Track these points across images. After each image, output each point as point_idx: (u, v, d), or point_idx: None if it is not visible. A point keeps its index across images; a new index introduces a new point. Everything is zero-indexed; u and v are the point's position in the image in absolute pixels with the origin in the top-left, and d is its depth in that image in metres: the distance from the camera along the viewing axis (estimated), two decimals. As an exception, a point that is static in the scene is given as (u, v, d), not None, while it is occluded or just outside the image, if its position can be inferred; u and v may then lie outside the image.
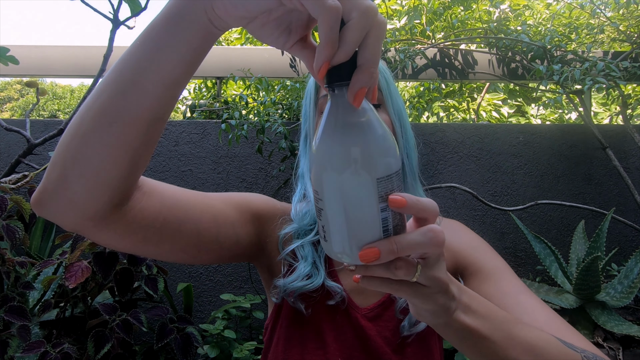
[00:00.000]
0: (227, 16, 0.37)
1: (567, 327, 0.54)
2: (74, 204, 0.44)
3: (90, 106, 0.41)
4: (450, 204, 1.96)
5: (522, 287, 0.60)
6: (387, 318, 0.63)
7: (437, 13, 2.49)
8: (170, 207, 0.53)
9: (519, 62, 2.13)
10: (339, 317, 0.64)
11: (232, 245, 0.61)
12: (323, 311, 0.64)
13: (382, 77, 0.65)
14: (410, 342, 0.63)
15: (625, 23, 2.27)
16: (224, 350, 1.47)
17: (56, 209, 0.45)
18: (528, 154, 1.99)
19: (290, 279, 0.63)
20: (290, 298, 0.64)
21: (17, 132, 1.63)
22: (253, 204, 0.67)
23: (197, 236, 0.56)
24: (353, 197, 0.35)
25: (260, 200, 0.69)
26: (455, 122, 3.25)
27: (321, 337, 0.63)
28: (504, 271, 0.63)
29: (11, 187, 1.31)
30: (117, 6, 1.47)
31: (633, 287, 1.41)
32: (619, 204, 1.94)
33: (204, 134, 1.94)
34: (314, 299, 0.64)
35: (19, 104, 10.06)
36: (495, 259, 0.66)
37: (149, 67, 0.39)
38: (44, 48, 2.16)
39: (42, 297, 1.35)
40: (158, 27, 0.39)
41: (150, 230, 0.51)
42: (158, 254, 0.55)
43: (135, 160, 0.43)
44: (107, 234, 0.48)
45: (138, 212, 0.49)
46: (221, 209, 0.60)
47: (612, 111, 3.07)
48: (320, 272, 0.64)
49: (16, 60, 1.60)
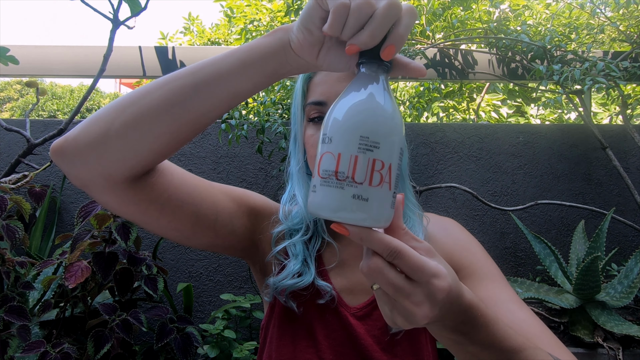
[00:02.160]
0: (300, 49, 0.43)
1: (556, 342, 0.54)
2: (101, 159, 0.47)
3: (161, 86, 0.46)
4: (450, 204, 1.96)
5: (514, 296, 0.60)
6: (376, 317, 0.64)
7: (436, 13, 2.49)
8: (176, 186, 0.56)
9: (519, 62, 2.13)
10: (329, 315, 0.64)
11: (227, 234, 0.63)
12: (314, 310, 0.65)
13: None
14: (399, 340, 0.63)
15: (625, 23, 2.28)
16: (224, 350, 1.47)
17: (81, 159, 0.47)
18: (528, 154, 1.99)
19: (281, 277, 0.64)
20: (282, 297, 0.64)
21: (17, 132, 1.63)
22: (251, 199, 0.68)
23: (196, 218, 0.58)
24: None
25: (258, 197, 0.70)
26: (455, 122, 3.25)
27: (312, 335, 0.63)
28: (497, 278, 0.63)
29: (11, 187, 1.31)
30: (117, 6, 1.47)
31: (633, 287, 1.41)
32: (619, 204, 1.94)
33: (204, 134, 1.94)
34: (305, 297, 0.64)
35: (18, 104, 10.05)
36: (488, 263, 0.65)
37: (226, 78, 0.46)
38: (44, 48, 2.16)
39: (42, 297, 1.35)
40: (246, 50, 0.46)
41: (153, 204, 0.53)
42: (154, 227, 0.57)
43: (173, 144, 0.48)
44: (113, 198, 0.51)
45: (147, 185, 0.52)
46: (221, 198, 0.62)
47: (611, 111, 3.08)
48: (310, 270, 0.65)
49: (16, 60, 1.60)
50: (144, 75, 2.17)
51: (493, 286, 0.61)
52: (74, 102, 10.15)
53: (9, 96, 10.66)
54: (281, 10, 2.74)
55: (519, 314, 0.56)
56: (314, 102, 0.62)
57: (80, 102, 1.57)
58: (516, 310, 0.57)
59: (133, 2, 1.45)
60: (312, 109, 0.63)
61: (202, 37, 3.76)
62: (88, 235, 1.21)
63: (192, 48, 2.38)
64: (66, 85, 11.43)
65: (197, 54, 2.21)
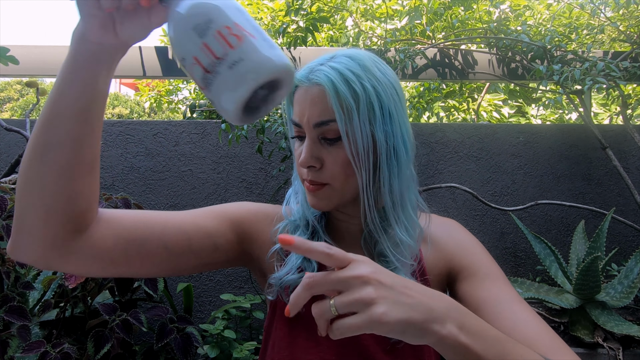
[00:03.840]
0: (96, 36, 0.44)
1: (558, 342, 0.53)
2: (32, 236, 0.48)
3: (30, 141, 0.48)
4: (450, 204, 1.96)
5: (516, 297, 0.59)
6: None
7: (437, 13, 2.49)
8: (129, 228, 0.55)
9: (519, 62, 2.13)
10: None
11: (211, 252, 0.62)
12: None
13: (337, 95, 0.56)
14: (402, 345, 0.62)
15: (625, 23, 2.27)
16: (224, 350, 1.47)
17: (23, 247, 0.49)
18: (528, 154, 1.99)
19: (283, 272, 0.64)
20: (286, 296, 0.64)
21: (17, 132, 1.63)
22: (231, 212, 0.67)
23: (165, 250, 0.57)
24: None
25: (241, 207, 0.69)
26: (456, 122, 3.25)
27: (315, 336, 0.62)
28: (499, 278, 0.62)
29: (11, 187, 1.31)
30: (117, 6, 1.47)
31: (633, 287, 1.41)
32: (619, 204, 1.94)
33: (204, 134, 1.94)
34: None
35: (19, 104, 10.05)
36: (490, 264, 0.65)
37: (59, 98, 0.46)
38: (44, 48, 2.16)
39: (42, 297, 1.35)
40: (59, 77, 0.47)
41: (114, 252, 0.53)
42: (132, 272, 0.57)
43: (74, 184, 0.48)
44: (74, 262, 0.51)
45: (98, 239, 0.52)
46: (193, 221, 0.61)
47: (611, 111, 3.07)
48: (312, 264, 0.64)
49: (16, 60, 1.60)
50: (144, 75, 2.17)
51: (494, 286, 0.60)
52: (74, 102, 10.12)
53: (9, 96, 10.66)
54: (282, 10, 2.74)
55: (520, 314, 0.56)
56: (294, 123, 0.61)
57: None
58: (518, 310, 0.56)
59: (133, 2, 1.45)
60: (295, 128, 0.62)
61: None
62: (88, 235, 1.21)
63: (192, 48, 2.38)
64: (66, 85, 11.42)
65: (197, 54, 2.20)
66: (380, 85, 0.58)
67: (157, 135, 1.93)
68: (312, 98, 0.58)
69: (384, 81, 0.58)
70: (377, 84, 0.58)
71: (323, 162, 0.59)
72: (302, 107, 0.59)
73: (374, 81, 0.57)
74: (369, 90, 0.57)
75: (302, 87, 0.59)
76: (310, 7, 2.16)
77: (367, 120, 0.57)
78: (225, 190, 1.92)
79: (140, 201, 1.87)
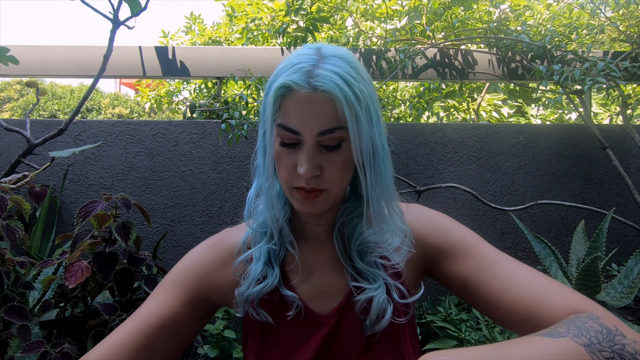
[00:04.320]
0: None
1: (552, 285, 0.53)
2: None
3: None
4: (450, 204, 1.96)
5: (495, 255, 0.59)
6: (349, 320, 0.62)
7: (437, 13, 2.49)
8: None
9: (519, 62, 2.13)
10: (300, 327, 0.63)
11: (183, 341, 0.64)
12: (285, 324, 0.63)
13: (347, 102, 0.54)
14: (377, 340, 0.61)
15: (625, 23, 2.27)
16: (224, 350, 1.47)
17: None
18: (528, 154, 1.99)
19: (245, 286, 0.62)
20: (253, 309, 0.63)
21: (17, 132, 1.63)
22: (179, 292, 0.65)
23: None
24: None
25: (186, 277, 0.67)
26: (455, 122, 3.25)
27: (287, 349, 0.62)
28: (474, 243, 0.62)
29: (11, 187, 1.31)
30: (117, 6, 1.47)
31: (633, 287, 1.41)
32: (619, 204, 1.94)
33: (204, 134, 1.94)
34: (274, 304, 0.63)
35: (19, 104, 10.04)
36: (461, 232, 0.64)
37: None
38: (44, 48, 2.16)
39: (42, 297, 1.35)
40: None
41: None
42: None
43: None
44: None
45: None
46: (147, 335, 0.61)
47: (611, 111, 3.07)
48: (274, 271, 0.63)
49: (16, 60, 1.60)
50: (144, 75, 2.17)
51: (473, 255, 0.60)
52: (74, 102, 10.14)
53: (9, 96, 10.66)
54: (282, 10, 2.74)
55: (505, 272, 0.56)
56: (292, 130, 0.56)
57: (81, 102, 1.57)
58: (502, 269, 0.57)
59: (133, 2, 1.45)
60: (287, 135, 0.57)
61: (203, 35, 3.76)
62: (88, 235, 1.21)
63: (192, 48, 2.38)
64: (66, 85, 11.42)
65: (197, 54, 2.21)
66: (368, 86, 0.58)
67: (157, 135, 1.93)
68: (317, 106, 0.55)
69: (368, 81, 0.59)
70: (367, 86, 0.58)
71: (322, 169, 0.57)
72: (305, 115, 0.55)
73: (364, 83, 0.57)
74: (365, 93, 0.57)
75: (301, 93, 0.55)
76: (310, 7, 2.15)
77: (369, 123, 0.57)
78: (225, 190, 1.92)
79: (140, 201, 1.87)
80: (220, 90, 2.33)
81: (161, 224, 1.90)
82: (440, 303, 1.75)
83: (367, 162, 0.57)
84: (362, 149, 0.56)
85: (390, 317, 0.60)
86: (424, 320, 1.66)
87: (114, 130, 1.93)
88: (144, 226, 1.89)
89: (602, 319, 0.47)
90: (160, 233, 1.88)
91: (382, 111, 3.29)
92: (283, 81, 0.55)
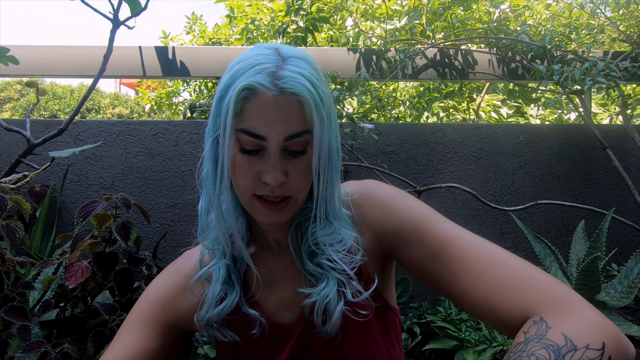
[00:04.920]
0: None
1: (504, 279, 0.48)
2: None
3: None
4: (450, 204, 1.96)
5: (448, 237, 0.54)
6: (312, 325, 0.59)
7: (437, 13, 2.49)
8: None
9: (519, 62, 2.14)
10: (268, 342, 0.61)
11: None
12: (252, 342, 0.62)
13: (315, 105, 0.52)
14: (342, 341, 0.59)
15: (625, 23, 2.28)
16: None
17: None
18: (528, 154, 1.99)
19: (205, 309, 0.59)
20: (217, 331, 0.61)
21: (17, 132, 1.63)
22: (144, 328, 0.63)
23: None
24: None
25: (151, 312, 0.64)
26: (455, 122, 3.25)
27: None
28: (425, 224, 0.57)
29: (11, 187, 1.31)
30: (117, 6, 1.47)
31: (633, 287, 1.41)
32: (619, 204, 1.94)
33: (204, 134, 1.94)
34: (236, 323, 0.61)
35: (19, 104, 10.05)
36: (413, 213, 0.58)
37: None
38: (44, 48, 2.16)
39: (42, 297, 1.35)
40: None
41: None
42: None
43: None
44: None
45: None
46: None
47: (611, 111, 3.08)
48: (235, 288, 0.60)
49: (16, 60, 1.60)
50: (144, 75, 2.17)
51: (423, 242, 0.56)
52: (74, 102, 10.15)
53: (9, 96, 10.66)
54: (282, 10, 2.74)
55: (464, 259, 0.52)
56: (255, 135, 0.52)
57: (81, 102, 1.57)
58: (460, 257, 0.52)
59: (133, 2, 1.45)
60: (250, 141, 0.53)
61: (204, 36, 3.76)
62: (88, 235, 1.21)
63: (192, 48, 2.38)
64: (66, 85, 11.42)
65: (197, 54, 2.21)
66: (327, 89, 0.56)
67: (157, 135, 1.93)
68: (284, 109, 0.51)
69: (326, 84, 0.57)
70: (326, 89, 0.55)
71: (287, 175, 0.54)
72: (271, 119, 0.51)
73: (325, 85, 0.55)
74: (327, 96, 0.54)
75: (266, 95, 0.51)
76: (310, 7, 2.16)
77: (330, 127, 0.55)
78: (225, 190, 1.92)
79: (140, 201, 1.87)
80: (220, 90, 2.33)
81: (161, 224, 1.90)
82: (440, 303, 1.75)
83: (323, 165, 0.55)
84: (321, 153, 0.54)
85: (340, 317, 0.57)
86: (424, 320, 1.66)
87: (114, 130, 1.93)
88: (144, 226, 1.89)
89: (552, 328, 0.42)
90: (160, 233, 1.88)
91: (382, 112, 3.29)
92: (246, 83, 0.51)
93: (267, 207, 0.55)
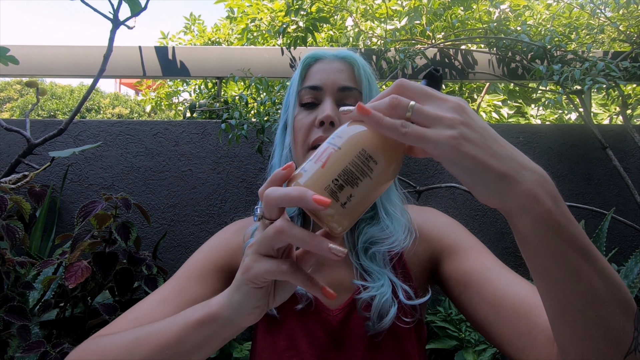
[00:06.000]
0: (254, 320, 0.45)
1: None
2: None
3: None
4: (450, 204, 1.96)
5: (502, 264, 0.61)
6: (355, 317, 0.62)
7: (437, 13, 2.49)
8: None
9: (519, 62, 2.13)
10: (309, 321, 0.63)
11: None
12: (293, 316, 0.63)
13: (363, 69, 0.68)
14: (382, 339, 0.61)
15: (625, 23, 2.27)
16: (224, 350, 1.47)
17: None
18: (528, 154, 1.97)
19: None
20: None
21: (17, 132, 1.63)
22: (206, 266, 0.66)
23: None
24: None
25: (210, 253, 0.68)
26: (455, 122, 3.23)
27: (294, 343, 0.62)
28: (482, 249, 0.64)
29: (11, 187, 1.31)
30: (117, 6, 1.47)
31: (633, 287, 1.41)
32: (619, 204, 1.94)
33: (204, 134, 1.94)
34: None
35: (18, 104, 10.05)
36: (471, 238, 0.67)
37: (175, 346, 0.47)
38: (44, 48, 2.16)
39: (42, 297, 1.35)
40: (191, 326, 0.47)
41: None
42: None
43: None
44: None
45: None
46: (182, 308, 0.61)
47: (611, 111, 3.08)
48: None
49: (16, 60, 1.60)
50: (144, 75, 2.17)
51: (480, 256, 0.61)
52: (74, 102, 10.15)
53: (9, 96, 10.66)
54: (282, 10, 2.74)
55: (510, 276, 0.57)
56: (310, 87, 0.64)
57: (81, 102, 1.57)
58: (507, 274, 0.57)
59: (133, 2, 1.45)
60: (306, 94, 0.65)
61: (203, 36, 3.76)
62: (88, 235, 1.21)
63: (192, 48, 2.38)
64: (66, 85, 11.42)
65: (197, 54, 2.21)
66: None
67: (157, 135, 1.93)
68: (338, 67, 0.65)
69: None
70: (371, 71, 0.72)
71: (339, 125, 0.61)
72: (327, 73, 0.65)
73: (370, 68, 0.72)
74: (372, 76, 0.70)
75: (324, 60, 0.66)
76: (310, 7, 2.16)
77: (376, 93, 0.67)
78: (225, 190, 1.92)
79: (140, 201, 1.87)
80: (220, 90, 2.33)
81: (161, 224, 1.90)
82: (440, 303, 1.75)
83: None
84: None
85: (394, 318, 0.59)
86: (424, 320, 1.66)
87: (114, 130, 1.93)
88: (144, 226, 1.88)
89: None
90: (160, 233, 1.88)
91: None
92: (310, 53, 0.66)
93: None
